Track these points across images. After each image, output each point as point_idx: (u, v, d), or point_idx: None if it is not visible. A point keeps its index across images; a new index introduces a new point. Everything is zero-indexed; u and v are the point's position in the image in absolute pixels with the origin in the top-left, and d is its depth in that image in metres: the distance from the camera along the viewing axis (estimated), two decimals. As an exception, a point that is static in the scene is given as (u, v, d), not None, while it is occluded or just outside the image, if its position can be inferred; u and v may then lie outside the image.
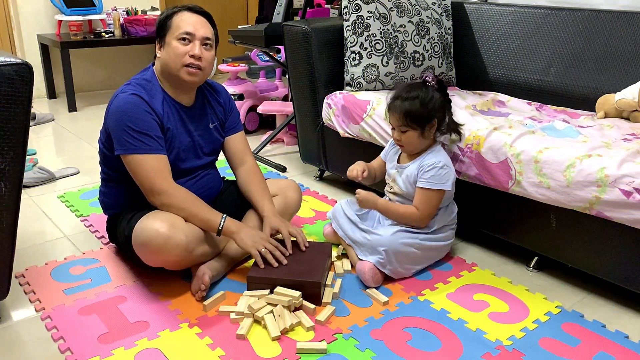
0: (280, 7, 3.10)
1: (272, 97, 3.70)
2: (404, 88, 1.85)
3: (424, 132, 1.82)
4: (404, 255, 1.81)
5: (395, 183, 1.91)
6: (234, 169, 1.99)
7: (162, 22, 1.77)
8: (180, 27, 1.73)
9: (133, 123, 1.67)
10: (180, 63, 1.72)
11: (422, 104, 1.79)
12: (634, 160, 1.63)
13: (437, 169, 1.81)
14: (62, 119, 3.83)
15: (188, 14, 1.76)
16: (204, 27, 1.76)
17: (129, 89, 1.73)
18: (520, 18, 2.60)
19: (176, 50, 1.72)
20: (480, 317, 1.66)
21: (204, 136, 1.88)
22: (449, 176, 1.83)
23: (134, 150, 1.68)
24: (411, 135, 1.82)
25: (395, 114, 1.82)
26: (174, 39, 1.73)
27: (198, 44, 1.73)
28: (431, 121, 1.81)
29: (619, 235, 1.67)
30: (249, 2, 5.57)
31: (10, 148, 1.41)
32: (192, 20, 1.74)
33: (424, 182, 1.81)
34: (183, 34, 1.72)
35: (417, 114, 1.79)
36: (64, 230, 2.20)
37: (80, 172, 2.83)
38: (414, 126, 1.80)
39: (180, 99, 1.81)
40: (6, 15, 4.17)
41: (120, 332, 1.56)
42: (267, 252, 1.70)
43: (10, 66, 1.35)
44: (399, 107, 1.81)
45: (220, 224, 1.70)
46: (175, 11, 1.76)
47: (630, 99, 2.09)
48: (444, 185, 1.82)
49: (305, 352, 1.49)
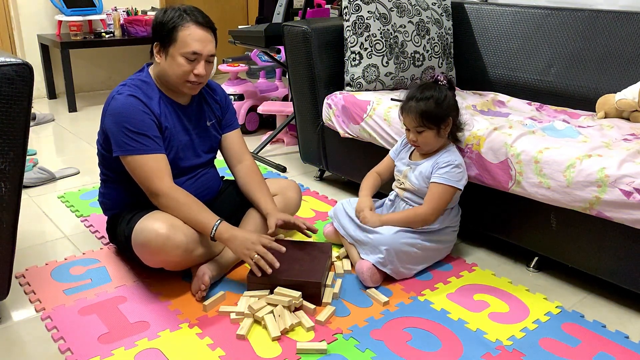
0: (280, 7, 3.10)
1: (272, 98, 3.70)
2: (417, 89, 1.85)
3: (440, 131, 1.82)
4: (405, 255, 1.81)
5: (407, 179, 1.91)
6: (232, 167, 1.99)
7: (167, 30, 1.69)
8: (188, 44, 1.68)
9: (130, 124, 1.67)
10: (184, 79, 1.72)
11: (437, 103, 1.79)
12: (634, 160, 1.63)
13: (452, 166, 1.82)
14: (62, 119, 3.83)
15: (196, 29, 1.69)
16: (210, 44, 1.73)
17: (125, 89, 1.72)
18: (520, 18, 2.60)
19: (182, 68, 1.70)
20: (481, 317, 1.66)
21: (201, 134, 1.88)
22: (462, 175, 1.84)
23: (132, 151, 1.68)
24: (428, 135, 1.82)
25: (410, 115, 1.82)
26: (179, 55, 1.69)
27: (203, 63, 1.72)
28: (446, 120, 1.82)
29: (619, 236, 1.67)
30: (249, 2, 5.57)
31: (11, 148, 1.41)
32: (199, 37, 1.69)
33: (439, 177, 1.82)
34: (190, 54, 1.69)
35: (433, 114, 1.79)
36: (64, 231, 2.20)
37: (80, 172, 2.83)
38: (430, 126, 1.80)
39: (176, 98, 1.82)
40: (6, 15, 4.17)
41: (121, 332, 1.56)
42: (260, 259, 1.65)
43: (11, 66, 1.35)
44: (414, 107, 1.81)
45: (213, 231, 1.67)
46: (183, 23, 1.69)
47: (630, 99, 2.09)
48: (458, 183, 1.82)
49: (305, 353, 1.49)
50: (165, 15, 1.72)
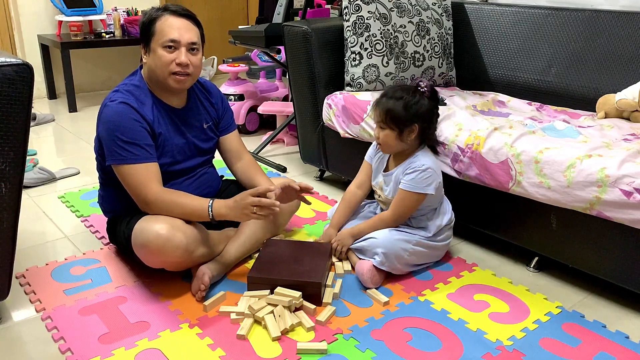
0: (280, 7, 3.10)
1: (273, 98, 3.70)
2: (394, 87, 1.84)
3: (402, 134, 1.79)
4: (402, 257, 1.81)
5: (383, 191, 1.91)
6: (232, 165, 2.00)
7: (146, 26, 1.72)
8: (165, 33, 1.68)
9: (121, 133, 1.67)
10: (168, 71, 1.71)
11: (405, 106, 1.77)
12: (634, 160, 1.63)
13: (419, 172, 1.79)
14: (62, 120, 3.83)
15: (171, 18, 1.70)
16: (189, 32, 1.72)
17: (118, 96, 1.72)
18: (520, 18, 2.60)
19: (162, 59, 1.70)
20: (481, 318, 1.66)
21: (199, 136, 1.88)
22: (431, 180, 1.81)
23: (122, 161, 1.68)
24: (388, 134, 1.80)
25: (377, 109, 1.81)
26: (159, 47, 1.69)
27: (184, 50, 1.70)
28: (410, 126, 1.78)
29: (619, 236, 1.67)
30: (249, 3, 5.57)
31: (11, 148, 1.41)
32: (176, 25, 1.70)
33: (404, 184, 1.81)
34: (168, 42, 1.68)
35: (397, 115, 1.77)
36: (65, 231, 2.20)
37: (80, 172, 2.83)
38: (391, 126, 1.78)
39: (170, 102, 1.81)
40: (6, 15, 4.17)
41: (121, 332, 1.56)
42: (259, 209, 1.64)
43: (11, 66, 1.35)
44: (382, 104, 1.80)
45: (210, 214, 1.68)
46: (159, 14, 1.71)
47: (630, 99, 2.09)
48: (425, 189, 1.80)
49: (305, 353, 1.49)
50: (145, 15, 1.75)
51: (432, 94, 1.81)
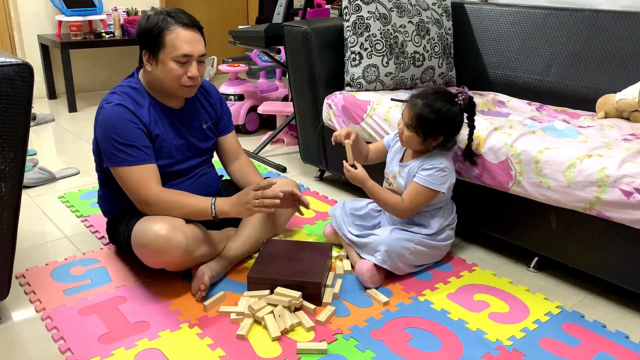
0: (280, 7, 3.10)
1: (273, 98, 3.70)
2: (434, 93, 1.79)
3: (426, 141, 1.80)
4: (404, 255, 1.81)
5: (395, 180, 1.91)
6: (228, 165, 2.01)
7: (153, 35, 1.66)
8: (177, 48, 1.65)
9: (118, 135, 1.66)
10: (179, 84, 1.71)
11: (438, 119, 1.75)
12: (634, 160, 1.63)
13: (436, 169, 1.80)
14: (62, 120, 3.83)
15: (182, 31, 1.65)
16: (199, 44, 1.70)
17: (115, 98, 1.71)
18: (520, 18, 2.60)
19: (174, 72, 1.68)
20: (481, 318, 1.66)
21: (198, 136, 1.88)
22: (446, 179, 1.81)
23: (119, 163, 1.67)
24: (412, 137, 1.81)
25: (410, 111, 1.78)
26: (170, 60, 1.67)
27: (195, 63, 1.70)
28: (437, 137, 1.80)
29: (619, 236, 1.67)
30: (249, 3, 5.57)
31: (11, 148, 1.41)
32: (187, 38, 1.66)
33: (420, 179, 1.80)
34: (181, 57, 1.66)
35: (428, 126, 1.76)
36: (65, 231, 2.20)
37: (80, 172, 2.83)
38: (418, 132, 1.78)
39: (169, 103, 1.80)
40: (6, 15, 4.17)
41: (121, 332, 1.56)
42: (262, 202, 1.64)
43: (11, 66, 1.35)
44: (417, 107, 1.77)
45: (213, 212, 1.69)
46: (168, 26, 1.65)
47: (630, 99, 2.09)
48: (439, 187, 1.80)
49: (305, 353, 1.49)
50: (148, 22, 1.68)
51: (469, 107, 1.81)
